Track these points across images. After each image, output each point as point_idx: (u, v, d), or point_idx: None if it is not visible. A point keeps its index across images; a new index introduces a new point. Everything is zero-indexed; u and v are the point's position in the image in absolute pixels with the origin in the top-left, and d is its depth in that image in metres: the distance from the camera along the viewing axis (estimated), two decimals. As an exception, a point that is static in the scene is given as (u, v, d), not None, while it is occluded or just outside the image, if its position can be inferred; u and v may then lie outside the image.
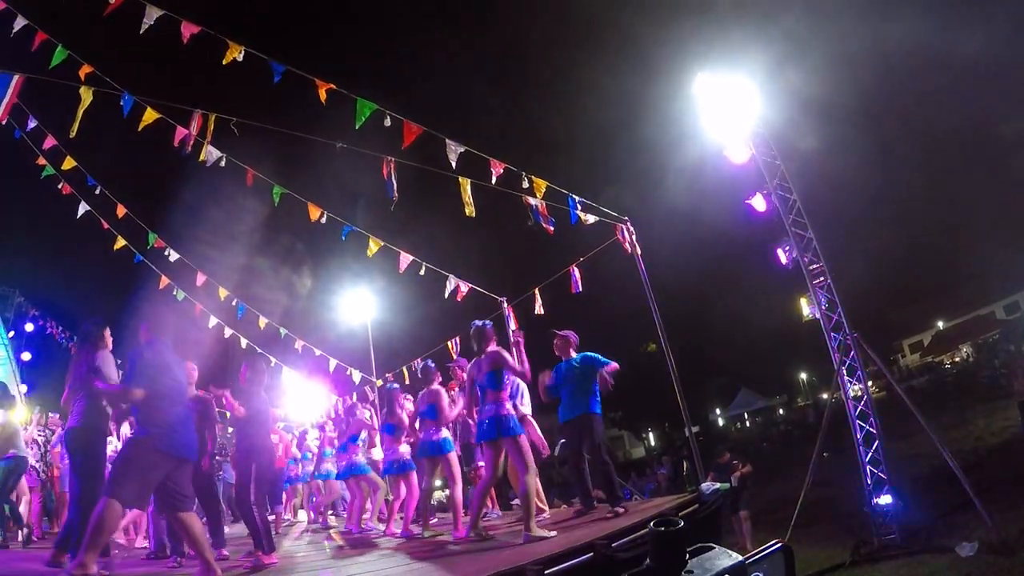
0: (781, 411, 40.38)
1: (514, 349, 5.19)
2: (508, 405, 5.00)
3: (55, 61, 6.36)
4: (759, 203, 9.25)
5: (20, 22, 6.53)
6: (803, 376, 44.68)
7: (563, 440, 6.39)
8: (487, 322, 5.33)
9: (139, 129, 6.47)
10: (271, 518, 7.32)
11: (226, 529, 8.98)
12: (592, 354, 6.08)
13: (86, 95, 6.08)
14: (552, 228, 7.53)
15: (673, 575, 1.50)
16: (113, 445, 6.16)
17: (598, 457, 5.86)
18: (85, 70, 6.50)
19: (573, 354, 6.17)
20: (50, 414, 8.97)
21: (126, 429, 7.04)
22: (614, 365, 6.00)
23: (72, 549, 4.14)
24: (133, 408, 4.22)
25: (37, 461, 8.26)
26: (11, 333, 16.94)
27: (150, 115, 6.56)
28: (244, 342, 12.42)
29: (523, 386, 6.57)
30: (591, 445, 5.88)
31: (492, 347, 5.17)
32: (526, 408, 6.60)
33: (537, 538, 4.52)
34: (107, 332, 4.82)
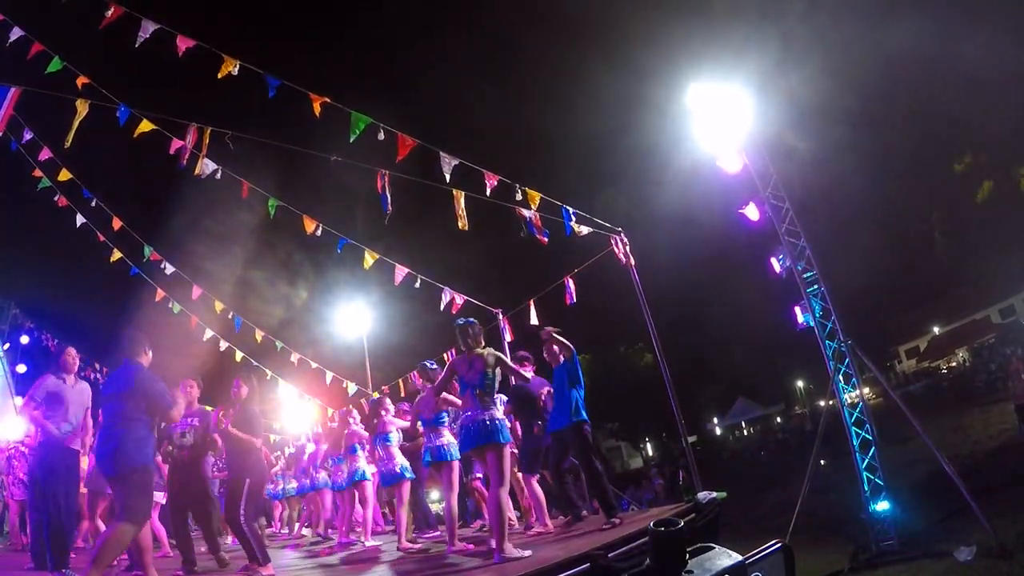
0: (779, 419, 40.25)
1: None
2: (498, 410, 4.74)
3: (50, 69, 6.36)
4: (752, 212, 9.30)
5: (16, 33, 6.56)
6: (800, 384, 44.58)
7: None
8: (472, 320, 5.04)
9: (135, 136, 6.46)
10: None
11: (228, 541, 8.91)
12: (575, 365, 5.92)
13: (82, 107, 6.08)
14: (545, 239, 7.54)
15: (673, 575, 1.50)
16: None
17: (590, 467, 5.71)
18: (81, 81, 6.51)
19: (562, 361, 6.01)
20: None
21: None
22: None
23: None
24: None
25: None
26: (6, 345, 16.80)
27: (146, 127, 6.57)
28: (239, 355, 12.37)
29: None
30: (581, 455, 5.74)
31: (486, 347, 4.88)
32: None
33: (510, 559, 4.29)
34: None
